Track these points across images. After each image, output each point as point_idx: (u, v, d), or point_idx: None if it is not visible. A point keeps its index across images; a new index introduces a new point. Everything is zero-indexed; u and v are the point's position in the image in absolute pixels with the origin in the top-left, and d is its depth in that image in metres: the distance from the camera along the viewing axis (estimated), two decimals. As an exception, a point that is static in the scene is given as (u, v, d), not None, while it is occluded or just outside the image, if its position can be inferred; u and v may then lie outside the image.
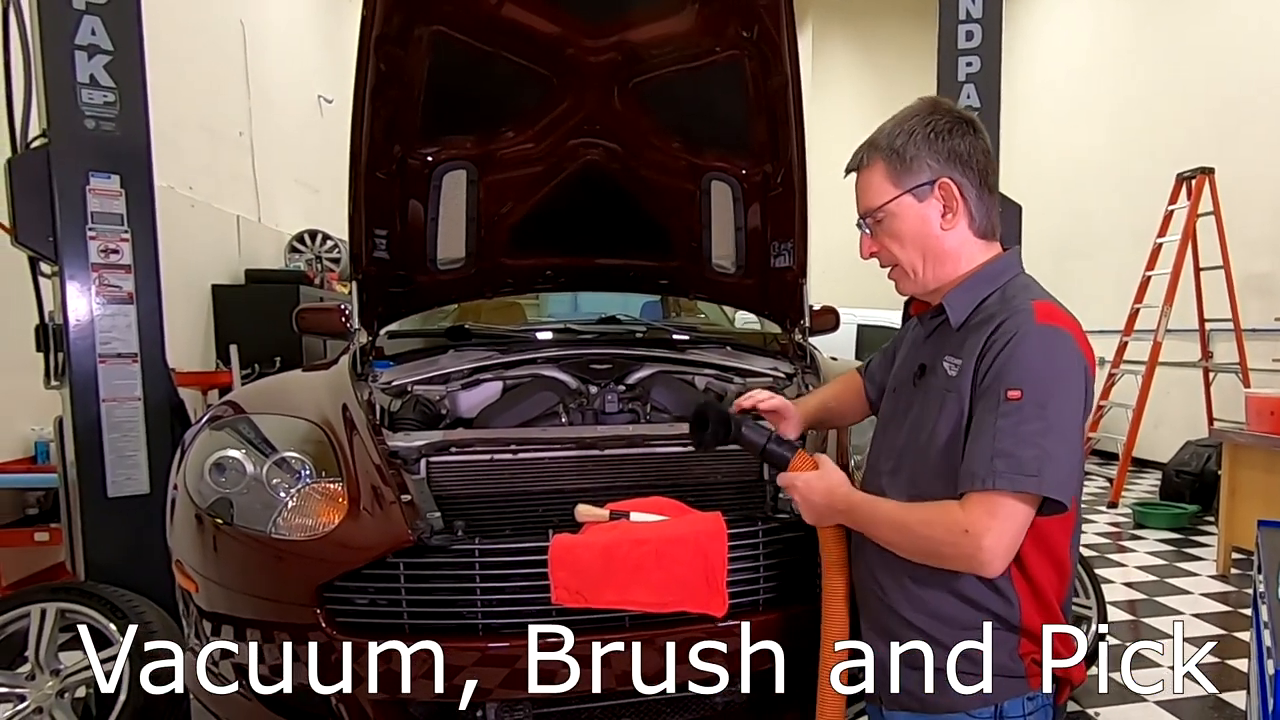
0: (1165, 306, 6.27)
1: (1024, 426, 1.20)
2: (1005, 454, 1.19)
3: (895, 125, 1.36)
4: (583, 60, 2.42)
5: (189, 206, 5.61)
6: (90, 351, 2.98)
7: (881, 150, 1.36)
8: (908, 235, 1.36)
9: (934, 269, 1.37)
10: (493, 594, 1.62)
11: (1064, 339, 1.25)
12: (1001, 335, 1.25)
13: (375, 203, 2.47)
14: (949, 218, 1.34)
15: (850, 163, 1.42)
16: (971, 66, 3.56)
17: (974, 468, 1.22)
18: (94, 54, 2.91)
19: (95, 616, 2.60)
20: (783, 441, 1.51)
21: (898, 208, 1.35)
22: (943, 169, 1.33)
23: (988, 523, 1.20)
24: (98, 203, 2.97)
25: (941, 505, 1.26)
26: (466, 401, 2.41)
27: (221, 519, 1.77)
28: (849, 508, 1.40)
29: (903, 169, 1.34)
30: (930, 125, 1.33)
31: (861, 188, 1.40)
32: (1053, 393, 1.22)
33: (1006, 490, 1.19)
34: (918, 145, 1.33)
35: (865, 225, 1.41)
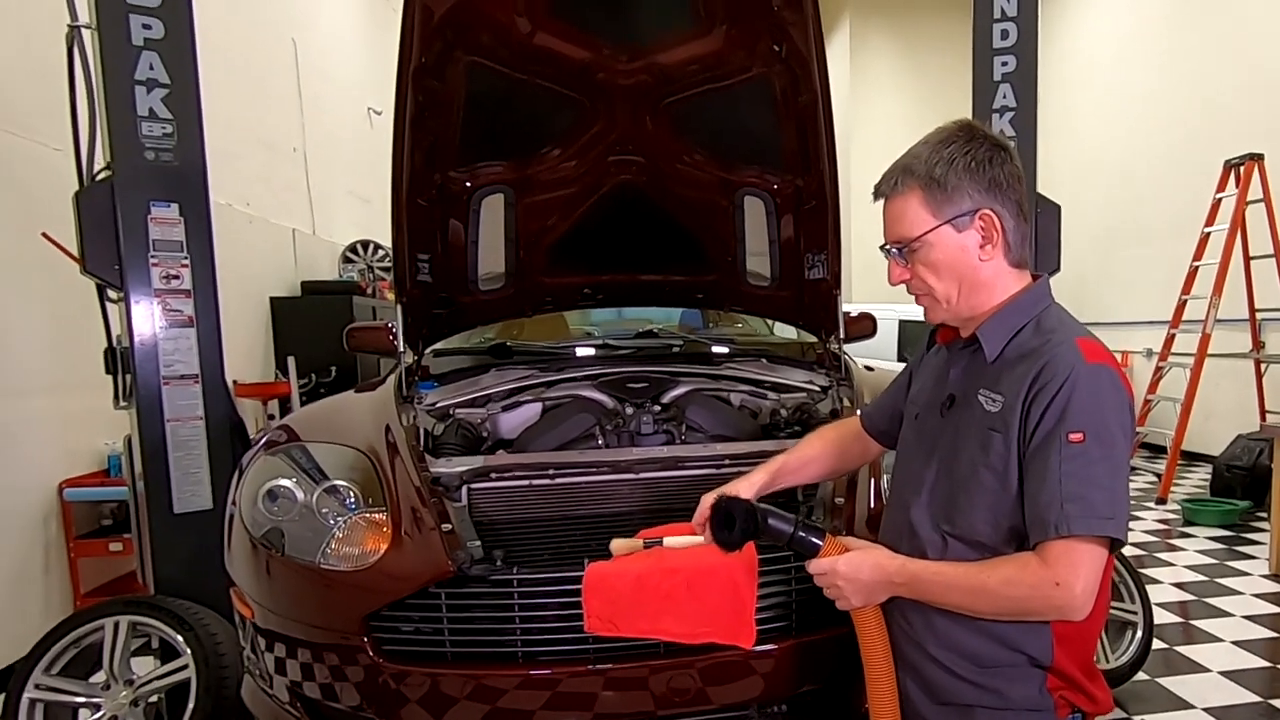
0: (1214, 297, 6.09)
1: (1090, 469, 1.19)
2: (1076, 498, 1.18)
3: (932, 152, 1.32)
4: (614, 84, 2.46)
5: (247, 222, 5.77)
6: (155, 374, 3.11)
7: (919, 178, 1.32)
8: (944, 265, 1.33)
9: (968, 299, 1.35)
10: (531, 622, 1.67)
11: (1113, 378, 1.25)
12: (1052, 376, 1.23)
13: (417, 228, 2.55)
14: (987, 249, 1.32)
15: (881, 187, 1.38)
16: (1007, 66, 3.50)
17: (1045, 515, 1.20)
18: (152, 88, 3.03)
19: (163, 629, 2.70)
20: (811, 527, 1.44)
21: (936, 238, 1.32)
22: (983, 199, 1.31)
23: (1076, 571, 1.19)
24: (159, 231, 3.09)
25: (1018, 560, 1.24)
26: (507, 424, 2.47)
27: (274, 548, 1.85)
28: (910, 578, 1.33)
29: (943, 199, 1.31)
30: (970, 153, 1.31)
31: (895, 215, 1.36)
32: (1112, 433, 1.22)
33: (1084, 535, 1.18)
34: (959, 175, 1.30)
35: (896, 252, 1.37)
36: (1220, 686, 3.20)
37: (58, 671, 2.64)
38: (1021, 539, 1.26)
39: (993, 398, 1.30)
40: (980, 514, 1.30)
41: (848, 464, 1.76)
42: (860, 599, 1.36)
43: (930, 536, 1.36)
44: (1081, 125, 9.02)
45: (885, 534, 1.50)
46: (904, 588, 1.33)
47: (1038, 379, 1.24)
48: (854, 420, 1.76)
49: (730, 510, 1.45)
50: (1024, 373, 1.27)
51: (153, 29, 2.97)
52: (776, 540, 1.44)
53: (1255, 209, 6.15)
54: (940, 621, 1.35)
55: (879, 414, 1.70)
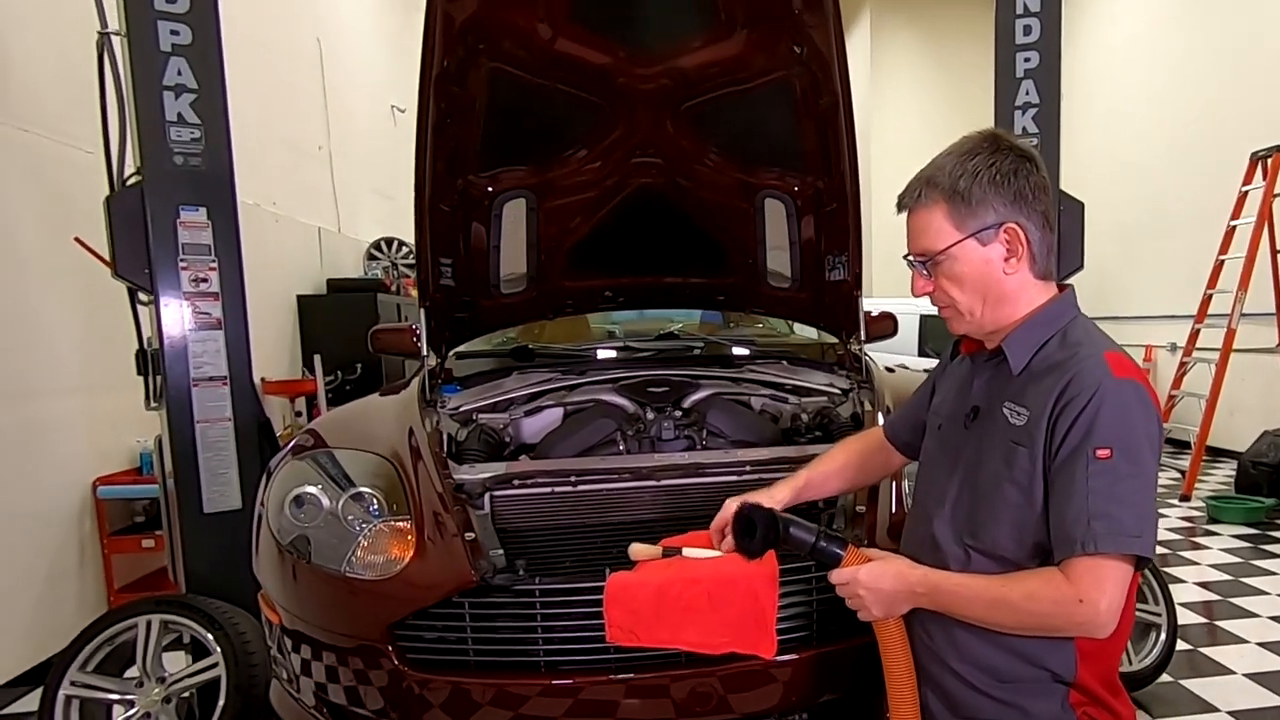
0: (1240, 291, 5.99)
1: (1118, 486, 1.18)
2: (1103, 515, 1.17)
3: (956, 164, 1.30)
4: (634, 88, 2.46)
5: (274, 221, 5.81)
6: (184, 375, 3.15)
7: (943, 190, 1.30)
8: (968, 279, 1.32)
9: (993, 312, 1.34)
10: (553, 632, 1.69)
11: (1141, 393, 1.24)
12: (1079, 390, 1.22)
13: (440, 233, 2.57)
14: (1012, 261, 1.31)
15: (904, 199, 1.37)
16: (1030, 62, 3.45)
17: (1072, 532, 1.19)
18: (180, 93, 3.05)
19: (194, 627, 2.74)
20: (832, 537, 1.43)
21: (960, 252, 1.31)
22: (1008, 213, 1.29)
23: (1101, 588, 1.18)
24: (188, 235, 3.13)
25: (1042, 575, 1.23)
26: (529, 428, 2.49)
27: (300, 556, 1.89)
28: (931, 588, 1.32)
29: (967, 212, 1.29)
30: (995, 165, 1.29)
31: (919, 228, 1.34)
32: (1140, 449, 1.20)
33: (1111, 553, 1.18)
34: (984, 188, 1.28)
35: (919, 264, 1.36)
36: (1245, 690, 3.17)
37: (93, 669, 2.68)
38: (1046, 554, 1.26)
39: (1017, 411, 1.29)
40: (1004, 528, 1.29)
41: (870, 476, 1.76)
42: (881, 609, 1.35)
43: (953, 550, 1.36)
44: (1102, 119, 8.89)
45: (907, 546, 1.50)
46: (925, 598, 1.33)
47: (1064, 393, 1.23)
48: (876, 431, 1.76)
49: (752, 517, 1.45)
50: (1050, 386, 1.26)
51: (180, 35, 3.01)
52: (798, 549, 1.44)
53: (1282, 201, 6.05)
54: (962, 635, 1.34)
55: (902, 424, 1.69)
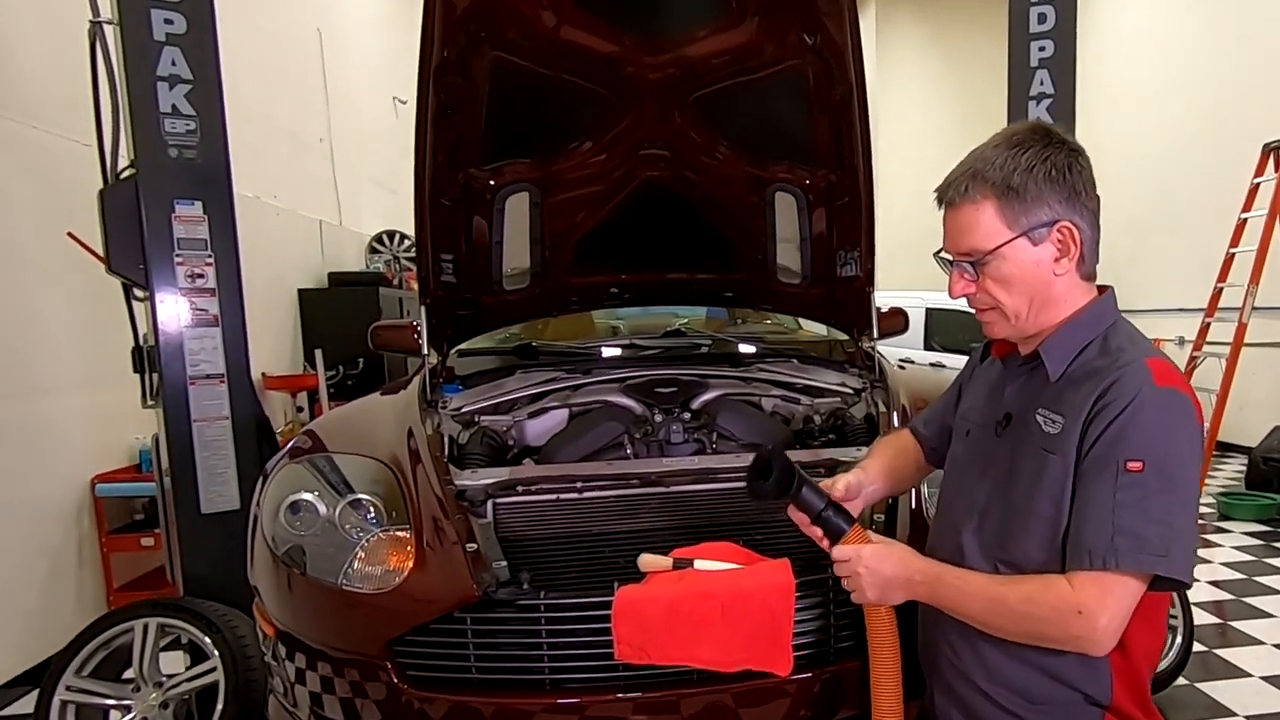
0: (1251, 285, 5.88)
1: (1148, 501, 1.13)
2: (1128, 531, 1.12)
3: (1007, 157, 1.22)
4: (642, 78, 2.38)
5: (275, 214, 5.77)
6: (181, 373, 3.10)
7: (994, 185, 1.22)
8: (1016, 280, 1.25)
9: (1038, 315, 1.27)
10: (559, 648, 1.62)
11: (1184, 404, 1.18)
12: (1116, 397, 1.17)
13: (440, 228, 2.49)
14: (1063, 262, 1.25)
15: (948, 193, 1.28)
16: (1045, 51, 3.37)
17: (1091, 544, 1.14)
18: (175, 84, 2.99)
19: (192, 630, 2.71)
20: (841, 510, 1.41)
21: (1010, 251, 1.23)
22: (1063, 210, 1.22)
23: (1103, 602, 1.13)
24: (183, 229, 3.07)
25: (1044, 581, 1.18)
26: (533, 431, 2.42)
27: (296, 567, 1.82)
28: (931, 579, 1.29)
29: (1020, 209, 1.22)
30: (1049, 160, 1.22)
31: (965, 226, 1.26)
32: (1176, 464, 1.15)
33: (1131, 570, 1.13)
34: (1039, 184, 1.21)
35: (963, 265, 1.28)
36: (1261, 692, 3.13)
37: (89, 673, 2.65)
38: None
39: (1052, 418, 1.24)
40: (1035, 541, 1.23)
41: (904, 482, 1.68)
42: (876, 593, 1.33)
43: (980, 564, 1.30)
44: (1112, 111, 8.77)
45: (931, 556, 1.42)
46: (923, 587, 1.29)
47: (1101, 399, 1.18)
48: (905, 433, 1.69)
49: (770, 461, 1.40)
50: (1087, 392, 1.20)
51: (174, 24, 2.94)
52: (805, 511, 1.41)
53: (1294, 194, 5.93)
54: (991, 653, 1.28)
55: (929, 430, 1.63)
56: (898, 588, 1.32)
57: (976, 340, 5.58)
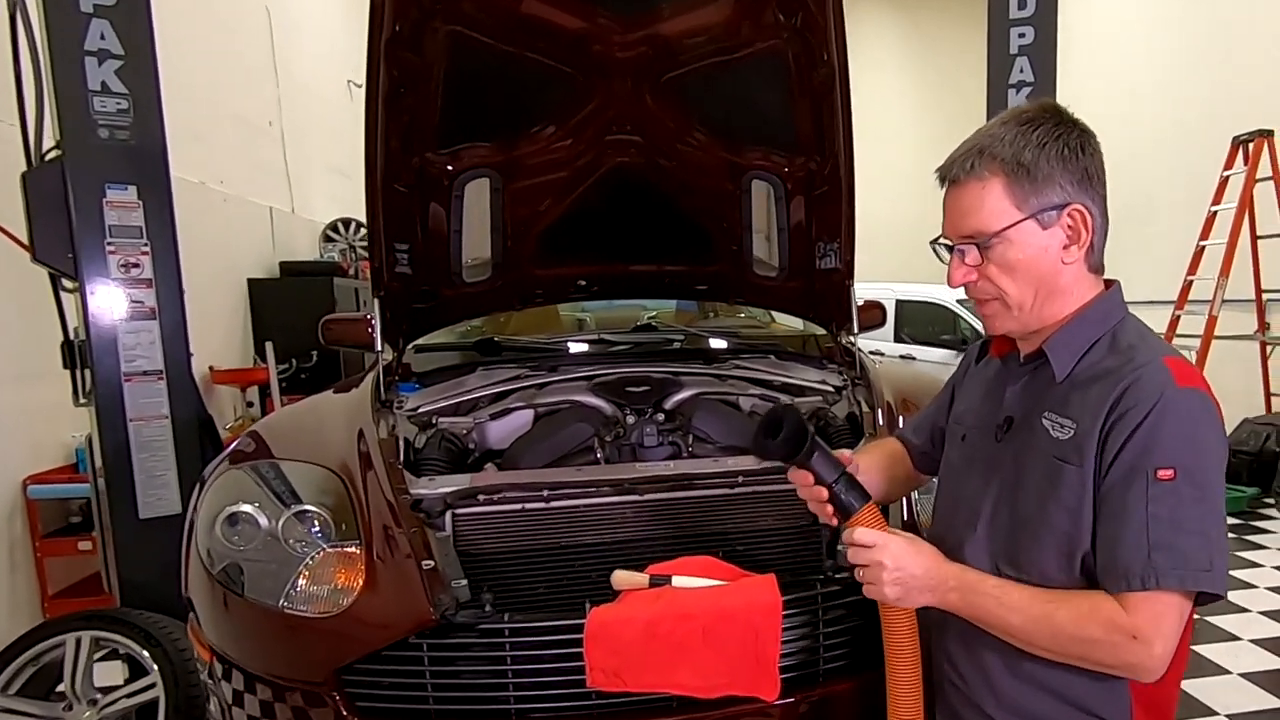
0: (1221, 278, 5.92)
1: (1182, 511, 1.04)
2: (1165, 546, 1.03)
3: (1017, 134, 1.14)
4: (610, 57, 2.23)
5: (221, 201, 5.58)
6: (115, 369, 2.93)
7: (1003, 162, 1.13)
8: (1022, 267, 1.14)
9: (1042, 308, 1.17)
10: (526, 676, 1.49)
11: (1209, 405, 1.09)
12: (1137, 402, 1.07)
13: (394, 216, 2.33)
14: (1071, 250, 1.14)
15: (952, 170, 1.17)
16: (1025, 38, 3.32)
17: (1129, 564, 1.04)
18: (104, 59, 2.82)
19: (129, 644, 2.62)
20: (855, 484, 1.25)
21: (1017, 234, 1.13)
22: (1075, 193, 1.13)
23: (1158, 627, 1.04)
24: (115, 215, 2.89)
25: (1091, 599, 1.08)
26: (495, 433, 2.27)
27: (233, 588, 1.66)
28: (966, 586, 1.15)
29: (1030, 189, 1.13)
30: (1062, 138, 1.13)
31: (969, 205, 1.15)
32: (1207, 470, 1.06)
33: (1175, 588, 1.03)
34: (1051, 163, 1.12)
35: (967, 248, 1.17)
36: (1241, 689, 3.13)
37: (15, 691, 2.53)
38: (1096, 584, 1.11)
39: (1060, 423, 1.14)
40: (1049, 555, 1.13)
41: (896, 488, 1.55)
42: (897, 592, 1.16)
43: None
44: (1085, 103, 8.76)
45: None
46: (956, 594, 1.15)
47: (1119, 403, 1.08)
48: (892, 443, 1.57)
49: (782, 419, 1.24)
50: (1101, 396, 1.10)
51: (103, -6, 2.73)
52: (817, 480, 1.25)
53: (1264, 187, 5.98)
54: (1002, 679, 1.19)
55: (920, 437, 1.52)
56: (925, 590, 1.17)
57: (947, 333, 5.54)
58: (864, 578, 1.19)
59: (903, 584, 1.16)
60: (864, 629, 1.58)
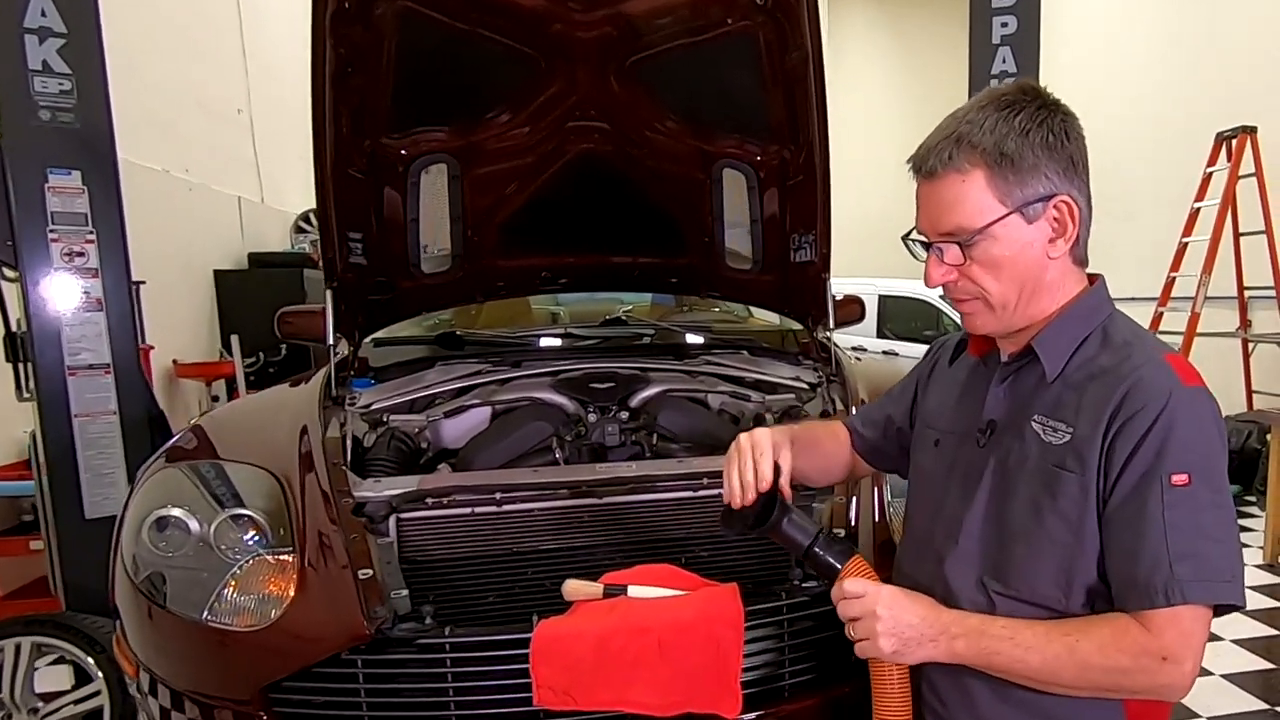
0: (1204, 275, 5.89)
1: (1200, 518, 0.98)
2: (1188, 556, 0.97)
3: (997, 120, 1.05)
4: (571, 37, 2.12)
5: (186, 190, 5.44)
6: (59, 363, 2.82)
7: (985, 153, 1.04)
8: (1006, 264, 1.06)
9: (1027, 305, 1.09)
10: (468, 694, 1.39)
11: (1214, 404, 1.05)
12: (1143, 403, 1.00)
13: (346, 203, 2.22)
14: (1057, 244, 1.07)
15: (928, 162, 1.08)
16: (1007, 27, 3.26)
17: (1151, 579, 0.97)
18: (45, 37, 2.70)
19: (72, 650, 2.52)
20: (833, 541, 1.16)
21: (1002, 230, 1.05)
22: (1060, 183, 1.06)
23: (1188, 644, 0.97)
24: (58, 202, 2.78)
25: (1113, 624, 1.00)
26: (450, 433, 2.16)
27: (154, 600, 1.55)
28: (970, 631, 1.05)
29: (1015, 181, 1.04)
30: (1045, 124, 1.05)
31: (949, 199, 1.06)
32: (1220, 472, 1.02)
33: (1202, 602, 0.97)
34: (1036, 151, 1.04)
35: (946, 246, 1.08)
36: (1224, 691, 3.09)
37: None
38: (1096, 600, 1.04)
39: (1053, 427, 1.06)
40: (1046, 571, 1.05)
41: (823, 475, 1.46)
42: (893, 645, 1.06)
43: (971, 596, 1.10)
44: (1067, 92, 8.76)
45: (901, 584, 1.21)
46: (961, 642, 1.05)
47: (1123, 406, 1.01)
48: (836, 426, 1.48)
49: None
50: (1100, 397, 1.03)
51: (43, -31, 2.60)
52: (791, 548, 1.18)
53: (1247, 184, 5.95)
54: (988, 705, 1.10)
55: (870, 426, 1.43)
56: (923, 643, 1.06)
57: (930, 329, 5.41)
58: (856, 632, 1.09)
59: (899, 635, 1.06)
60: (832, 642, 1.49)
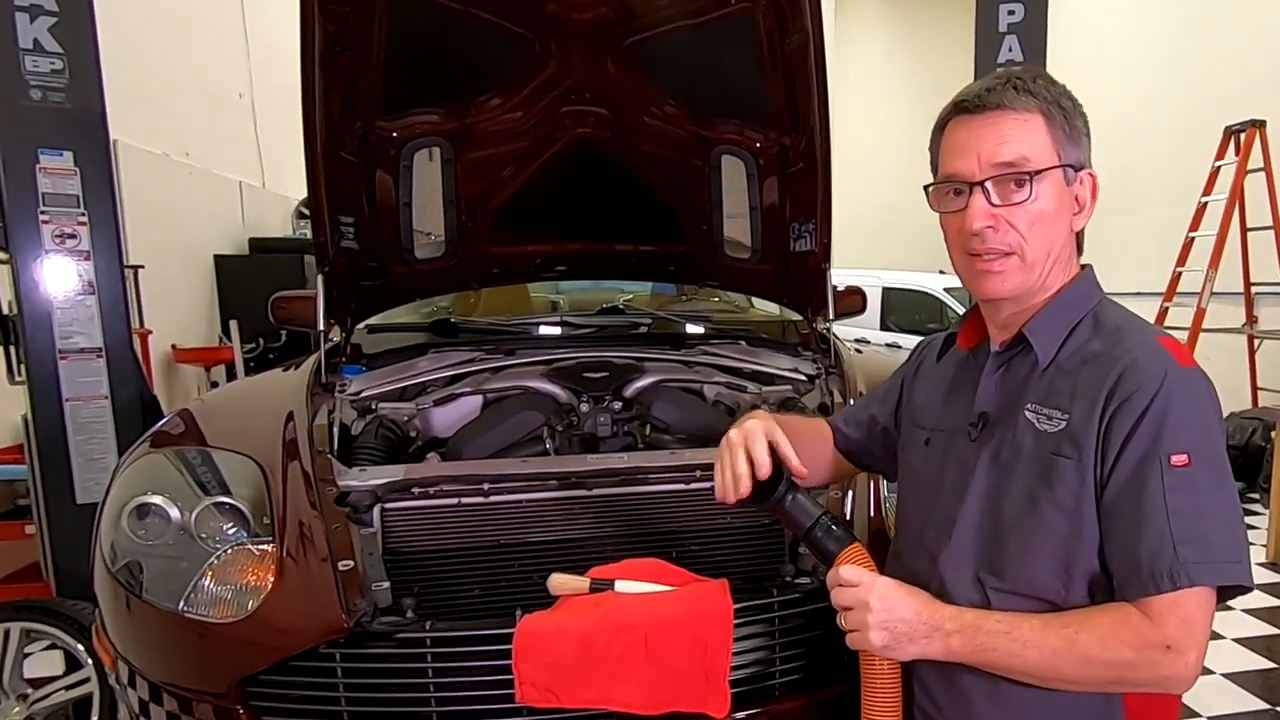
0: (1210, 270, 5.82)
1: (1202, 500, 0.96)
2: (1192, 539, 0.94)
3: (1048, 82, 1.07)
4: (568, 18, 2.08)
5: (186, 174, 5.42)
6: (50, 346, 2.79)
7: (1045, 102, 1.04)
8: (1048, 220, 1.04)
9: (1050, 271, 1.07)
10: (449, 689, 1.36)
11: (1210, 385, 1.03)
12: (1139, 384, 0.98)
13: (338, 187, 2.18)
14: (1080, 218, 1.09)
15: (986, 98, 1.04)
16: (1014, 15, 3.22)
17: (1155, 563, 0.94)
18: (37, 15, 2.67)
19: (62, 636, 2.49)
20: (836, 526, 1.14)
21: (1054, 180, 1.04)
22: (1088, 159, 1.09)
23: (1190, 632, 0.95)
24: (49, 183, 2.74)
25: (1112, 614, 0.97)
26: (439, 421, 2.13)
27: (131, 589, 1.52)
28: (966, 627, 1.02)
29: (1067, 136, 1.05)
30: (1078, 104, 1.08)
31: (1011, 134, 1.02)
32: (1220, 453, 1.00)
33: (1207, 583, 0.95)
34: (1081, 120, 1.07)
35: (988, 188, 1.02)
36: (1225, 691, 3.06)
37: None
38: (1096, 592, 1.01)
39: (1047, 415, 1.04)
40: (1044, 563, 1.02)
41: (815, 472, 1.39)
42: (884, 639, 1.04)
43: (966, 593, 1.07)
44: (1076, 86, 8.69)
45: None
46: (958, 639, 1.02)
47: (1118, 388, 0.99)
48: (820, 423, 1.45)
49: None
50: (1095, 381, 1.01)
51: (35, -56, 2.57)
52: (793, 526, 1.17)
53: (1255, 178, 5.90)
54: (981, 704, 1.07)
55: (853, 425, 1.40)
56: (916, 639, 1.03)
57: (933, 321, 5.34)
58: (848, 622, 1.07)
59: (890, 629, 1.03)
60: (824, 640, 1.46)
